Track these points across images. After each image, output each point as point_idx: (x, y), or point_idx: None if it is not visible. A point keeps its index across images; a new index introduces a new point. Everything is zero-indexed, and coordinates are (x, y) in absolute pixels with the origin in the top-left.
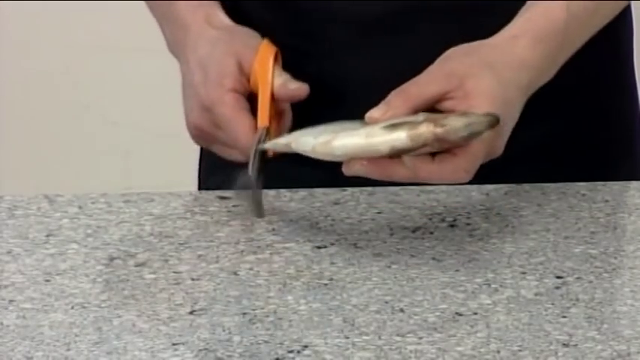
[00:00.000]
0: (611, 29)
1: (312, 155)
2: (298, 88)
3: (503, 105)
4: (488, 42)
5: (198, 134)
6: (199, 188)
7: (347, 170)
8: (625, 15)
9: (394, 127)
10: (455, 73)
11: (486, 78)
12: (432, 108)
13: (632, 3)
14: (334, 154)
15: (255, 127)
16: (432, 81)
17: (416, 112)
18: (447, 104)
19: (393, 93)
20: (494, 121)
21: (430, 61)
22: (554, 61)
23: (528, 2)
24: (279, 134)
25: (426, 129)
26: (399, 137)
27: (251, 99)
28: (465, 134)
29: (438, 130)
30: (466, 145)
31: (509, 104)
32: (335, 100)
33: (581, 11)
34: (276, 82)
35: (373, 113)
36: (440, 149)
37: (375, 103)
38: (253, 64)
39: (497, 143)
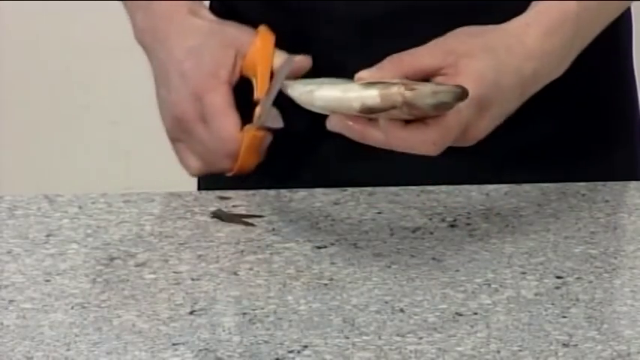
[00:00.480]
0: (610, 26)
1: (298, 102)
2: (302, 59)
3: (493, 88)
4: (501, 26)
5: (176, 125)
6: (199, 187)
7: (328, 124)
8: (624, 13)
9: (370, 85)
10: (453, 50)
11: (482, 60)
12: (424, 80)
13: (632, 2)
14: (314, 105)
15: (241, 129)
16: (429, 54)
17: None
18: (438, 79)
19: (387, 58)
20: (462, 94)
21: None
22: (565, 55)
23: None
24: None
25: (397, 90)
26: (371, 95)
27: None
28: (432, 102)
29: (407, 93)
30: (440, 118)
31: (500, 89)
32: None
33: (593, 4)
34: (277, 61)
35: (362, 73)
36: (410, 116)
37: None
38: (251, 49)
39: (479, 124)
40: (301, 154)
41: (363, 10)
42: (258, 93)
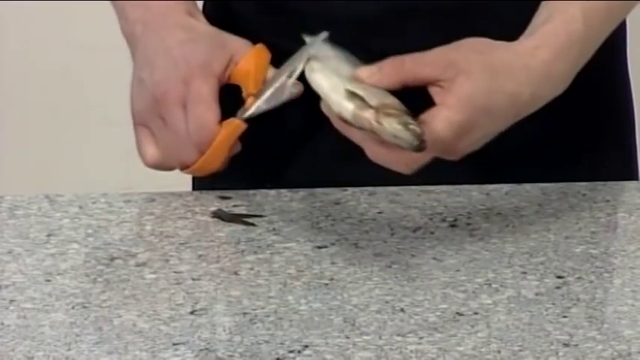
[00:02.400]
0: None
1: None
2: (296, 84)
3: (481, 114)
4: (510, 46)
5: (151, 107)
6: (193, 187)
7: (321, 105)
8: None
9: (352, 95)
10: (455, 64)
11: (478, 82)
12: (423, 86)
13: None
14: (310, 83)
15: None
16: (432, 64)
17: (405, 85)
18: (433, 89)
19: (390, 59)
20: (419, 148)
21: None
22: (569, 76)
23: (544, 7)
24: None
25: (368, 116)
26: (347, 109)
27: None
28: (392, 141)
29: (374, 124)
30: None
31: (489, 114)
32: None
33: (597, 23)
34: (269, 76)
35: (362, 72)
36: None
37: None
38: (245, 57)
39: (458, 145)
40: (302, 154)
41: (361, 10)
42: (250, 89)
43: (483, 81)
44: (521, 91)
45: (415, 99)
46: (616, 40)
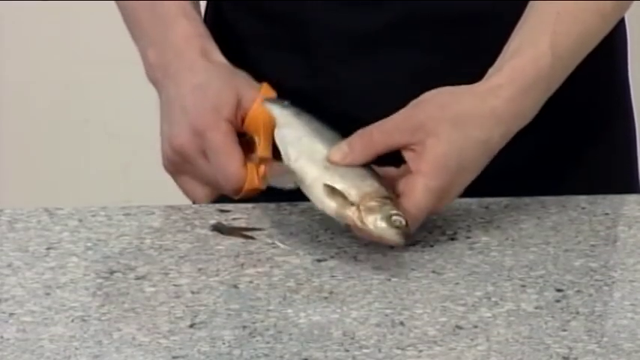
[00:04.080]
0: (605, 41)
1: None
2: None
3: (455, 174)
4: (471, 89)
5: (175, 160)
6: None
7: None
8: (619, 27)
9: (333, 192)
10: (422, 127)
11: (449, 142)
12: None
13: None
14: (290, 172)
15: (245, 163)
16: (398, 131)
17: (379, 155)
18: (407, 154)
19: (357, 134)
20: (405, 243)
21: (428, 72)
22: (536, 107)
23: (516, 34)
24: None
25: (351, 215)
26: (329, 207)
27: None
28: (376, 239)
29: (358, 223)
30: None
31: (463, 169)
32: (331, 114)
33: (566, 53)
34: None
35: (334, 155)
36: None
37: (371, 118)
38: (253, 107)
39: (438, 207)
40: None
41: (362, 22)
42: (262, 151)
43: (453, 139)
44: (491, 136)
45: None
46: (615, 50)
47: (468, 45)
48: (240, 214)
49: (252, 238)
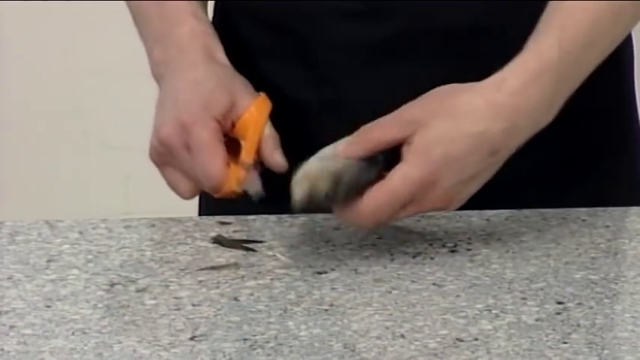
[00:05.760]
0: (611, 55)
1: None
2: (280, 161)
3: (440, 162)
4: (475, 85)
5: (160, 151)
6: (200, 213)
7: None
8: (625, 39)
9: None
10: (414, 120)
11: (435, 132)
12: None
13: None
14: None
15: (227, 163)
16: (393, 126)
17: (378, 151)
18: (403, 148)
19: (361, 130)
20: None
21: (432, 84)
22: (549, 102)
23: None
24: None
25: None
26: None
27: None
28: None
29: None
30: (374, 195)
31: (451, 160)
32: (334, 126)
33: (575, 47)
34: (267, 131)
35: (335, 149)
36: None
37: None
38: (246, 114)
39: (432, 197)
40: None
41: (365, 34)
42: (245, 156)
43: (443, 129)
44: (488, 129)
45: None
46: (622, 61)
47: (471, 57)
48: (240, 227)
49: (252, 250)
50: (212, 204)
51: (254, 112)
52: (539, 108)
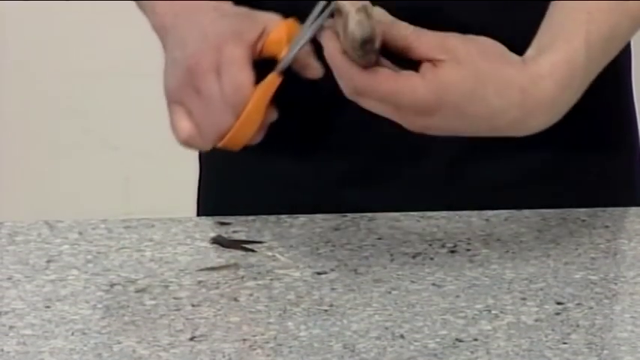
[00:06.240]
0: None
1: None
2: (316, 64)
3: (449, 104)
4: (524, 67)
5: (184, 80)
6: (198, 208)
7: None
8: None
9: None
10: (454, 52)
11: (462, 79)
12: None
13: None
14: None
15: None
16: (428, 45)
17: (403, 54)
18: (427, 64)
19: (414, 30)
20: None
21: None
22: (567, 106)
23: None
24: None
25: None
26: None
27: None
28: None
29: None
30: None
31: (460, 112)
32: (338, 120)
33: (598, 54)
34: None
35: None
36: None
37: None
38: (277, 28)
39: (412, 120)
40: (301, 180)
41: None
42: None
43: (470, 83)
44: (507, 110)
45: None
46: (619, 67)
47: None
48: (240, 227)
49: (252, 250)
50: (211, 204)
51: (284, 28)
52: (560, 111)
